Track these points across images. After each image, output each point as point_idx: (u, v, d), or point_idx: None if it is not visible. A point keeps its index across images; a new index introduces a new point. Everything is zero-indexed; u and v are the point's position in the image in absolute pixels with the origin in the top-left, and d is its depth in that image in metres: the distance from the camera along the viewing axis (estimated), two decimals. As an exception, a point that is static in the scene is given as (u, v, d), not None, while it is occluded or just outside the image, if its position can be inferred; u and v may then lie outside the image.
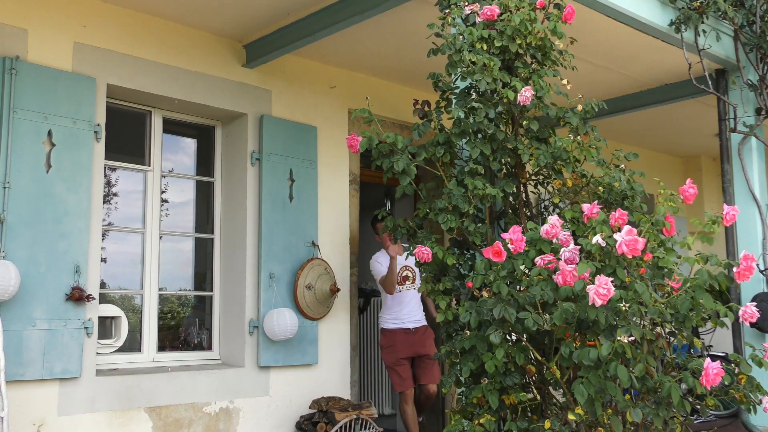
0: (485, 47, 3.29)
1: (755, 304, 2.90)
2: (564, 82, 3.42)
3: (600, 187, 3.27)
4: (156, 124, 5.08)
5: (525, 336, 2.88)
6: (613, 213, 2.77)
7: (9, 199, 4.01)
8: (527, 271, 2.79)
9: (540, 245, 2.85)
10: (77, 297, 4.14)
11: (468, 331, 2.92)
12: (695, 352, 4.34)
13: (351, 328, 5.61)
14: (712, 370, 2.54)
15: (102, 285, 4.66)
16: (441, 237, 3.50)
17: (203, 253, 5.42)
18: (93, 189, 4.36)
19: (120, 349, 4.72)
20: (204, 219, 5.42)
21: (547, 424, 2.78)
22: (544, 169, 3.50)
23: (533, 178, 3.58)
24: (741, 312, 2.74)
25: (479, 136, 3.36)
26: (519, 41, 3.34)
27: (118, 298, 4.94)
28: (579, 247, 2.78)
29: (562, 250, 2.76)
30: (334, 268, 5.43)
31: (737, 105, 5.29)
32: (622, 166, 3.39)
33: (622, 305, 2.56)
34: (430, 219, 3.38)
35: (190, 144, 5.50)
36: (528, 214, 3.54)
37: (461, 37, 3.30)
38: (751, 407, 2.95)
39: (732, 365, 3.03)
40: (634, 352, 2.62)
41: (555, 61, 3.49)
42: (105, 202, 4.77)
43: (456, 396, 5.25)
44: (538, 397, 3.08)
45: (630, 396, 2.94)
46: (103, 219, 4.65)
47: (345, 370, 5.51)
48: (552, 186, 3.55)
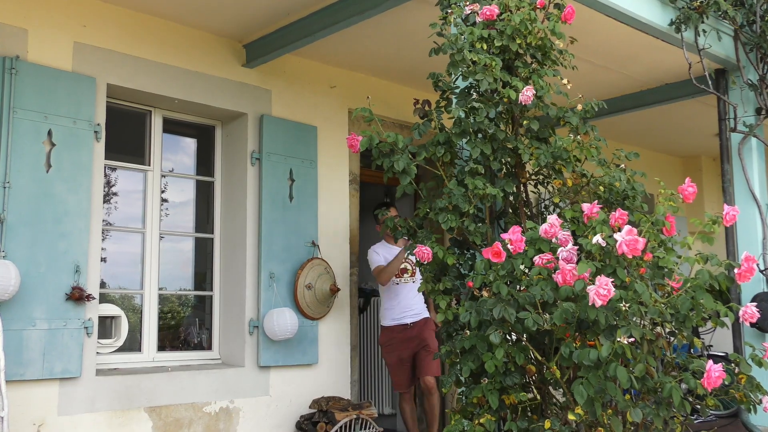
0: (485, 47, 3.29)
1: (755, 304, 2.90)
2: (564, 81, 3.42)
3: (600, 187, 3.27)
4: (156, 123, 5.08)
5: (525, 336, 2.88)
6: (613, 213, 2.76)
7: (9, 199, 4.01)
8: (527, 271, 2.79)
9: (539, 244, 2.85)
10: (77, 297, 4.14)
11: (468, 331, 2.92)
12: (695, 352, 4.35)
13: (351, 327, 5.60)
14: (713, 372, 2.54)
15: (102, 285, 4.66)
16: (441, 237, 3.50)
17: (203, 253, 5.42)
18: (93, 189, 4.37)
19: (120, 349, 4.72)
20: (204, 219, 5.42)
21: (547, 424, 2.78)
22: (544, 169, 3.50)
23: (533, 177, 3.58)
24: (741, 312, 2.74)
25: (479, 135, 3.35)
26: (519, 41, 3.34)
27: (118, 297, 4.94)
28: (577, 247, 2.78)
29: (559, 249, 2.76)
30: (334, 267, 5.43)
31: (737, 105, 5.29)
32: (622, 165, 3.39)
33: (622, 305, 2.56)
34: (430, 219, 3.38)
35: (190, 144, 5.50)
36: (528, 213, 3.54)
37: (462, 37, 3.30)
38: (751, 407, 2.95)
39: (732, 365, 3.03)
40: (634, 352, 2.62)
41: (555, 61, 3.49)
42: (105, 201, 4.77)
43: (456, 396, 5.25)
44: (538, 397, 3.08)
45: (630, 396, 2.94)
46: (103, 219, 4.65)
47: (345, 369, 5.50)
48: (552, 186, 3.55)
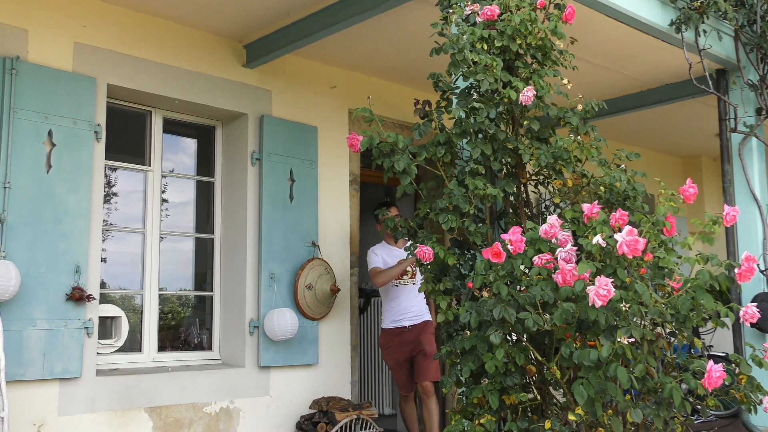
0: (485, 47, 3.29)
1: (756, 304, 2.89)
2: (564, 82, 3.42)
3: (601, 187, 3.27)
4: (156, 124, 5.08)
5: (525, 336, 2.88)
6: (614, 213, 2.76)
7: (9, 199, 4.01)
8: (527, 271, 2.79)
9: (539, 245, 2.85)
10: (77, 297, 4.14)
11: (468, 332, 2.92)
12: (696, 352, 4.35)
13: (351, 328, 5.60)
14: (714, 372, 2.54)
15: (102, 285, 4.66)
16: (441, 237, 3.49)
17: (203, 253, 5.42)
18: (93, 189, 4.37)
19: (120, 349, 4.72)
20: (204, 219, 5.42)
21: (548, 424, 2.78)
22: (544, 169, 3.50)
23: (534, 178, 3.58)
24: (742, 312, 2.74)
25: (480, 136, 3.35)
26: (519, 41, 3.34)
27: (118, 298, 4.94)
28: (576, 248, 2.78)
29: (558, 250, 2.76)
30: (334, 268, 5.43)
31: (738, 105, 5.29)
32: (622, 166, 3.39)
33: (622, 306, 2.56)
34: (430, 219, 3.38)
35: (190, 144, 5.50)
36: (528, 214, 3.54)
37: (464, 37, 3.30)
38: (752, 407, 2.95)
39: (732, 365, 3.03)
40: (634, 352, 2.61)
41: (555, 61, 3.49)
42: (105, 202, 4.77)
43: (456, 396, 5.24)
44: (538, 398, 3.08)
45: (630, 396, 2.94)
46: (104, 219, 4.65)
47: (345, 370, 5.50)
48: (552, 186, 3.54)
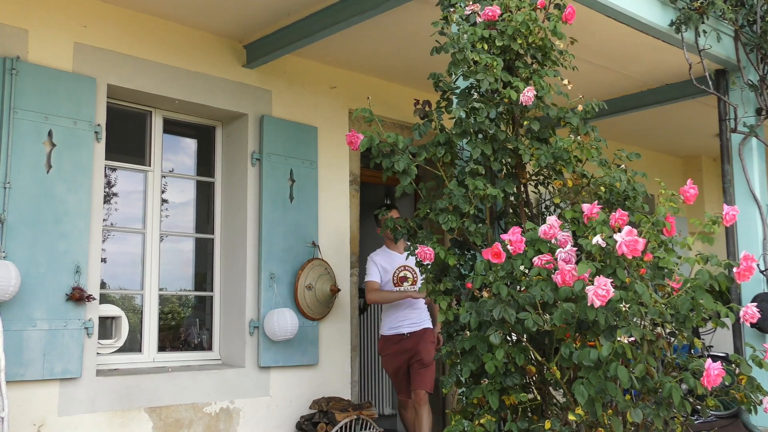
0: (486, 47, 3.29)
1: (756, 304, 2.89)
2: (565, 82, 3.42)
3: (601, 188, 3.26)
4: (156, 124, 5.08)
5: (525, 336, 2.88)
6: (614, 213, 2.76)
7: (9, 200, 4.01)
8: (527, 272, 2.79)
9: (539, 245, 2.85)
10: (77, 297, 4.14)
11: (468, 332, 2.92)
12: (696, 352, 4.35)
13: (351, 328, 5.60)
14: (713, 370, 2.54)
15: (102, 285, 4.66)
16: (441, 237, 3.49)
17: (203, 254, 5.42)
18: (93, 189, 4.37)
19: (120, 350, 4.71)
20: (204, 219, 5.42)
21: (548, 424, 2.78)
22: (544, 170, 3.50)
23: (534, 178, 3.58)
24: (742, 312, 2.74)
25: (480, 136, 3.35)
26: (520, 41, 3.34)
27: (118, 298, 4.94)
28: (576, 248, 2.78)
29: (558, 250, 2.76)
30: (334, 268, 5.43)
31: (737, 105, 5.29)
32: (623, 166, 3.39)
33: (622, 306, 2.56)
34: (430, 219, 3.38)
35: (190, 144, 5.50)
36: (529, 214, 3.54)
37: (465, 36, 3.30)
38: (752, 407, 2.95)
39: (732, 366, 3.03)
40: (634, 352, 2.62)
41: (555, 62, 3.49)
42: (105, 202, 4.76)
43: (456, 396, 5.23)
44: (538, 398, 3.08)
45: (630, 396, 2.94)
46: (104, 219, 4.65)
47: (345, 370, 5.50)
48: (552, 186, 3.54)
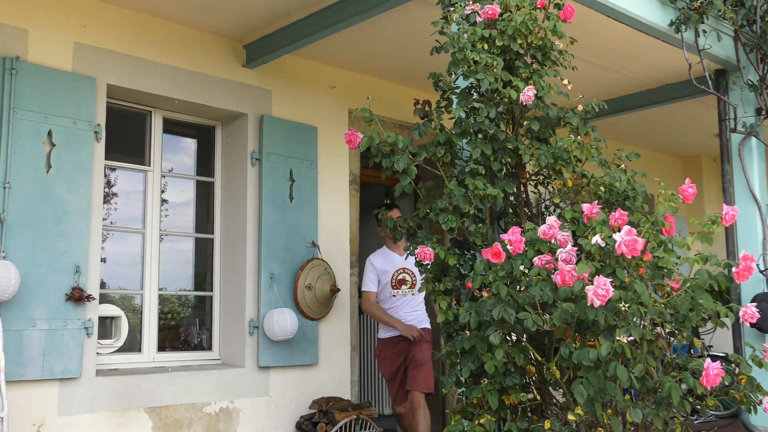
0: (486, 47, 3.29)
1: (755, 304, 2.90)
2: (565, 82, 3.42)
3: (601, 187, 3.26)
4: (156, 124, 5.08)
5: (525, 336, 2.88)
6: (613, 213, 2.76)
7: (9, 199, 4.01)
8: (526, 272, 2.79)
9: (538, 245, 2.85)
10: (77, 297, 4.14)
11: (468, 332, 2.92)
12: (695, 352, 4.35)
13: (351, 328, 5.60)
14: (712, 370, 2.54)
15: (102, 285, 4.66)
16: (441, 237, 3.49)
17: (203, 254, 5.42)
18: (93, 189, 4.37)
19: (120, 349, 4.72)
20: (204, 219, 5.42)
21: (547, 424, 2.78)
22: (544, 170, 3.49)
23: (534, 178, 3.58)
24: (741, 312, 2.74)
25: (480, 136, 3.35)
26: (520, 41, 3.34)
27: (118, 298, 4.94)
28: (576, 249, 2.78)
29: (558, 250, 2.76)
30: (334, 268, 5.43)
31: (737, 105, 5.29)
32: (622, 166, 3.38)
33: (621, 305, 2.56)
34: (430, 219, 3.38)
35: (190, 144, 5.50)
36: (528, 214, 3.54)
37: (464, 36, 3.30)
38: (752, 407, 2.95)
39: (732, 365, 3.03)
40: (633, 352, 2.62)
41: (555, 61, 3.49)
42: (105, 202, 4.77)
43: (456, 396, 5.23)
44: (538, 398, 3.08)
45: (630, 396, 2.94)
46: (103, 219, 4.65)
47: (345, 370, 5.50)
48: (552, 186, 3.54)
